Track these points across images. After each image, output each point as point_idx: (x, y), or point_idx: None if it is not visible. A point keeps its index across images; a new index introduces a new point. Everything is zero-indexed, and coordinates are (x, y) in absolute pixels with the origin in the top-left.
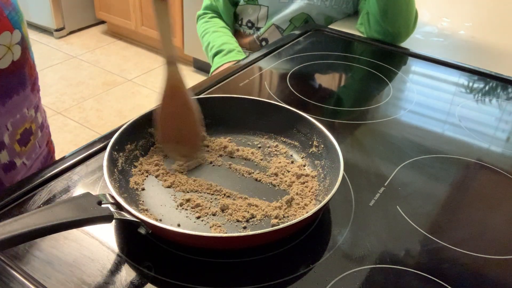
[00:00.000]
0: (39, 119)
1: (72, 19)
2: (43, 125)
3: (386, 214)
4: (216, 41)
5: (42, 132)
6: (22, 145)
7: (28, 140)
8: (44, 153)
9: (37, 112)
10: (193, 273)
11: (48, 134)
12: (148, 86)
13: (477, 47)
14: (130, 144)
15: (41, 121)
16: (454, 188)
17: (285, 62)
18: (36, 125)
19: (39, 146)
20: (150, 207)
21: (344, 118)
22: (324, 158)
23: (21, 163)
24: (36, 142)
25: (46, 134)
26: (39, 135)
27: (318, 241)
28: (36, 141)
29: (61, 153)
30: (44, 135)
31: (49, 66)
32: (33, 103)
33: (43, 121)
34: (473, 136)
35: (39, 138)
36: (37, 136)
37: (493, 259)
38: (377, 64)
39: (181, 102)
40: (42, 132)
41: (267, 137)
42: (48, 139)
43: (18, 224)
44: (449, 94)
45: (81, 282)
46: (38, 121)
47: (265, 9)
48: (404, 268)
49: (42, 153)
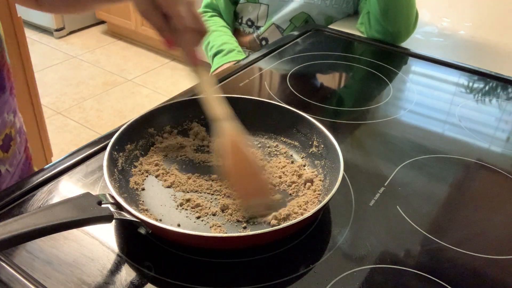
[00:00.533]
0: (17, 124)
1: (72, 19)
2: (20, 130)
3: (386, 214)
4: (216, 41)
5: (21, 137)
6: (4, 151)
7: (9, 146)
8: (22, 160)
9: (15, 117)
10: (193, 273)
11: (25, 140)
12: (148, 86)
13: (477, 47)
14: (130, 144)
15: (19, 126)
16: (454, 188)
17: (285, 62)
18: (15, 130)
19: (19, 152)
20: (150, 207)
21: (344, 118)
22: (324, 158)
23: (5, 170)
24: (16, 148)
25: (24, 140)
26: (18, 140)
27: (318, 241)
28: (16, 147)
29: (61, 153)
30: (22, 140)
31: (49, 66)
32: (12, 107)
33: (20, 126)
34: (473, 136)
35: (18, 144)
36: (16, 141)
37: (493, 259)
38: (377, 64)
39: (244, 156)
40: (21, 137)
41: (267, 137)
42: (26, 145)
43: (18, 224)
44: (449, 94)
45: (81, 282)
46: (17, 126)
47: (265, 7)
48: (404, 268)
49: (21, 159)
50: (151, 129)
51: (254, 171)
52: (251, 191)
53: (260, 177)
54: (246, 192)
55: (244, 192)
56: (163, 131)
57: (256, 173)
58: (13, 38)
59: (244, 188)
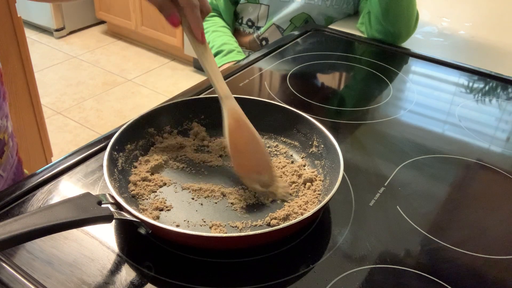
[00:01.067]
0: (9, 128)
1: (72, 19)
2: (12, 134)
3: (386, 214)
4: (215, 41)
5: (13, 141)
6: None
7: (3, 151)
8: (15, 163)
9: (7, 121)
10: (193, 273)
11: (16, 144)
12: (148, 86)
13: (477, 47)
14: (130, 144)
15: (11, 130)
16: (454, 188)
17: (285, 62)
18: (8, 135)
19: (11, 156)
20: (150, 207)
21: (344, 118)
22: (324, 158)
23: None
24: (9, 153)
25: (15, 144)
26: (10, 144)
27: (318, 241)
28: (9, 151)
29: (61, 153)
30: (14, 144)
31: (49, 66)
32: (5, 112)
33: (12, 130)
34: (473, 136)
35: (10, 148)
36: (9, 146)
37: (493, 259)
38: (377, 64)
39: (247, 134)
40: (13, 141)
41: (267, 137)
42: (17, 149)
43: (18, 224)
44: (449, 94)
45: (81, 282)
46: (9, 130)
47: (266, 8)
48: (404, 268)
49: (14, 163)
50: (151, 129)
51: (256, 150)
52: (250, 167)
53: (262, 157)
54: (246, 166)
55: (244, 166)
56: (163, 131)
57: (258, 152)
58: (13, 38)
59: (245, 162)
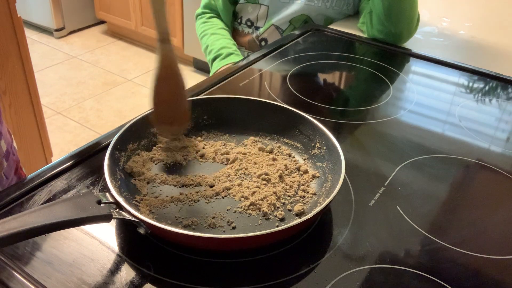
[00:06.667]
0: (3, 147)
1: (72, 19)
2: (8, 153)
3: (386, 214)
4: (214, 45)
5: (8, 161)
6: None
7: None
8: (14, 182)
9: (0, 140)
10: (193, 273)
11: (16, 161)
12: (148, 86)
13: (477, 47)
14: (132, 144)
15: (6, 149)
16: (454, 188)
17: (285, 62)
18: (0, 155)
19: (6, 177)
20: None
21: (344, 118)
22: (326, 160)
23: None
24: (2, 174)
25: (14, 161)
26: (4, 165)
27: (318, 241)
28: (2, 172)
29: (61, 153)
30: (11, 163)
31: (49, 66)
32: None
33: (8, 147)
34: (473, 136)
35: (5, 169)
36: (2, 167)
37: (493, 259)
38: (376, 64)
39: (174, 82)
40: (8, 161)
41: (270, 138)
42: (17, 166)
43: (16, 222)
44: (449, 94)
45: (81, 282)
46: (2, 149)
47: (265, 8)
48: (404, 268)
49: (10, 183)
50: (153, 128)
51: (178, 99)
52: (167, 117)
53: (182, 106)
54: (164, 116)
55: (162, 114)
56: None
57: (179, 101)
58: (13, 38)
59: (164, 111)
